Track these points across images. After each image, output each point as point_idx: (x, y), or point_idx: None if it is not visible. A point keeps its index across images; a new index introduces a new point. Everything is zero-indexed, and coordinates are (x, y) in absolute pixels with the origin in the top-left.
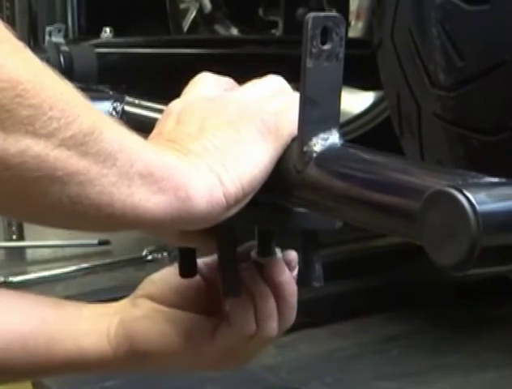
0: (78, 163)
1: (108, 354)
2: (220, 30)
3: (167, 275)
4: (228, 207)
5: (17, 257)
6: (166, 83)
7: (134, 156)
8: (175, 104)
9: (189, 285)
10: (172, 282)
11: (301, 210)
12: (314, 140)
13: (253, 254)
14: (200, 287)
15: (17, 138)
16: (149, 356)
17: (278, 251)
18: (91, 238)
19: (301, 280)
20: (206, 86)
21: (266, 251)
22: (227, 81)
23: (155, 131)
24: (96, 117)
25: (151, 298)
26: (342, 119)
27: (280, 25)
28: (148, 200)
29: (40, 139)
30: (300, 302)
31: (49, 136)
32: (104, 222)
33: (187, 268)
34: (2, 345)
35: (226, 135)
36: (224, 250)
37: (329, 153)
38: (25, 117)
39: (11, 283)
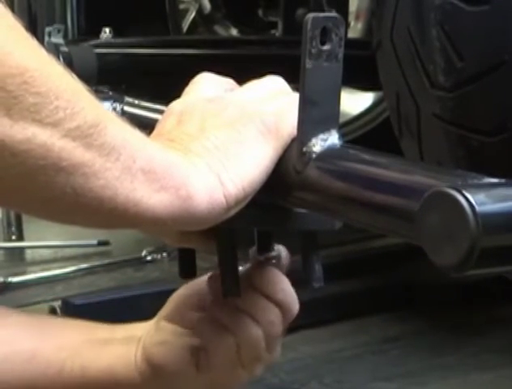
0: (82, 154)
1: (136, 379)
2: (220, 30)
3: (182, 295)
4: (229, 207)
5: (16, 257)
6: (166, 84)
7: (136, 153)
8: (175, 104)
9: (200, 304)
10: (187, 302)
11: (301, 210)
12: (314, 141)
13: (252, 251)
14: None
15: (23, 125)
16: (172, 380)
17: (277, 248)
18: (91, 239)
19: (301, 281)
20: (207, 86)
21: (264, 249)
22: (227, 81)
23: (155, 131)
24: (99, 110)
25: (170, 320)
26: (341, 120)
27: (280, 26)
28: (150, 197)
29: (46, 128)
30: (299, 303)
31: (55, 125)
32: (106, 217)
33: (187, 269)
34: (39, 371)
35: (226, 135)
36: (223, 251)
37: (328, 154)
38: (32, 104)
39: (11, 283)
